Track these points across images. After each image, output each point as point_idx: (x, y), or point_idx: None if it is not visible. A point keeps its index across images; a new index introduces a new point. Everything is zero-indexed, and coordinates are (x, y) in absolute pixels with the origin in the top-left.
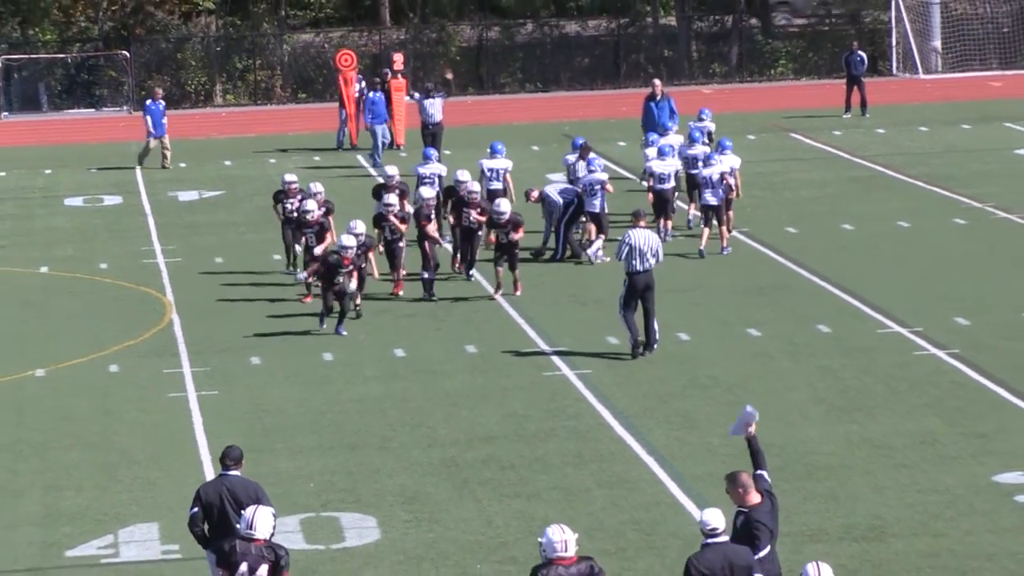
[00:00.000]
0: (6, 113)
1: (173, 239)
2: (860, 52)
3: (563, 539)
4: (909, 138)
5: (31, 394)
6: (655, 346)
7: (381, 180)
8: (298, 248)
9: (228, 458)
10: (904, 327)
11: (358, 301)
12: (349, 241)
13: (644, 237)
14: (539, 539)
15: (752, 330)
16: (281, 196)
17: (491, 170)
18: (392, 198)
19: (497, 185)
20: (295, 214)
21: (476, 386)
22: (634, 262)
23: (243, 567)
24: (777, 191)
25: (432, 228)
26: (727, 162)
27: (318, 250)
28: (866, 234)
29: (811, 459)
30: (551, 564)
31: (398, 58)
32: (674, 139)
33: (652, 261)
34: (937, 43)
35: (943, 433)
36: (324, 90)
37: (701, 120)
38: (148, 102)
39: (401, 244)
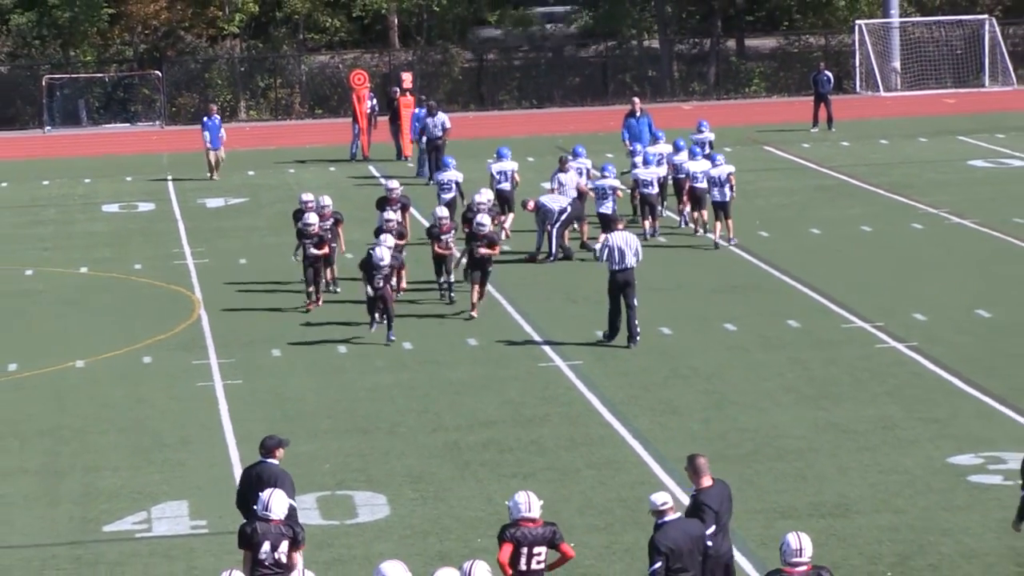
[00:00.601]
0: (49, 127)
1: (201, 242)
2: (827, 72)
3: (527, 501)
4: (871, 150)
5: (72, 383)
6: (637, 339)
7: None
8: (295, 258)
9: (262, 447)
10: (867, 322)
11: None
12: (386, 250)
13: (623, 239)
14: (507, 503)
15: (728, 325)
16: (299, 215)
17: (500, 172)
18: (391, 213)
19: (506, 185)
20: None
21: (477, 376)
22: (620, 262)
23: (266, 546)
24: (751, 198)
25: (443, 248)
26: (698, 166)
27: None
28: (832, 238)
29: (782, 442)
30: (517, 524)
31: (407, 77)
32: (663, 148)
33: (633, 260)
34: (897, 63)
35: (902, 419)
36: (339, 106)
37: (700, 132)
38: (205, 118)
39: (400, 255)
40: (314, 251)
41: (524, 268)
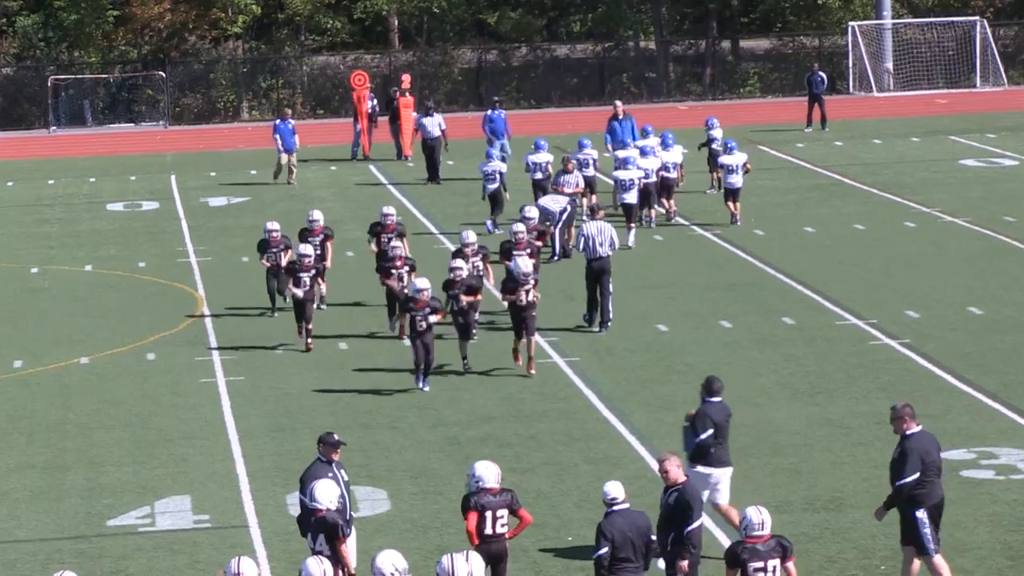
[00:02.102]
0: (55, 127)
1: (204, 241)
2: (820, 73)
3: (487, 472)
4: (864, 150)
5: (77, 380)
6: (609, 324)
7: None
8: (298, 292)
9: (321, 444)
10: (860, 319)
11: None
12: (423, 283)
13: (598, 228)
14: (468, 473)
15: (724, 322)
16: (264, 246)
17: (535, 163)
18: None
19: (540, 176)
20: (278, 264)
21: (476, 372)
22: (593, 251)
23: (319, 536)
24: (746, 197)
25: (470, 298)
26: (672, 156)
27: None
28: (826, 236)
29: (777, 437)
30: (480, 492)
31: (406, 78)
32: (652, 141)
33: (608, 250)
34: (889, 64)
35: None
36: (340, 107)
37: (710, 128)
38: (277, 121)
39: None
40: (297, 293)
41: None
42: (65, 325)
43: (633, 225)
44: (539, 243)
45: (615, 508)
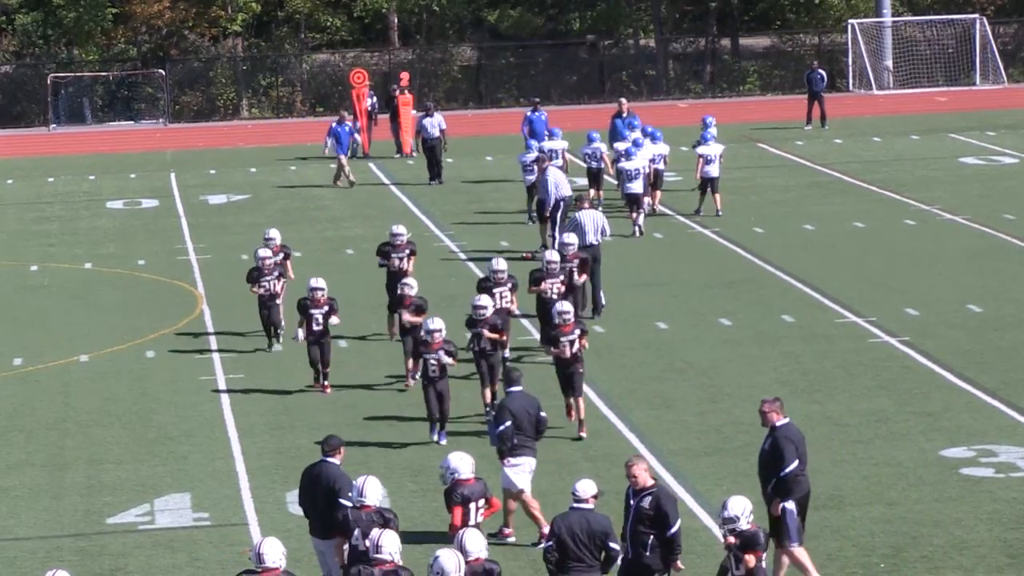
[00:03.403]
0: (54, 125)
1: (204, 238)
2: (820, 70)
3: (461, 464)
4: (864, 148)
5: (76, 377)
6: (602, 311)
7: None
8: (300, 334)
9: (325, 445)
10: (860, 317)
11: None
12: (436, 324)
13: (590, 217)
14: (441, 465)
15: (723, 320)
16: (256, 274)
17: (551, 150)
18: (409, 286)
19: (558, 163)
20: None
21: (476, 369)
22: (583, 238)
23: (356, 532)
24: (745, 195)
25: (495, 336)
26: (660, 149)
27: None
28: (825, 234)
29: None
30: (457, 484)
31: (405, 76)
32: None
33: (597, 238)
34: (889, 62)
35: (895, 412)
36: (339, 104)
37: (706, 127)
38: (334, 124)
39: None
40: (300, 335)
41: (522, 266)
42: (65, 323)
43: (640, 211)
44: (582, 277)
45: (577, 505)
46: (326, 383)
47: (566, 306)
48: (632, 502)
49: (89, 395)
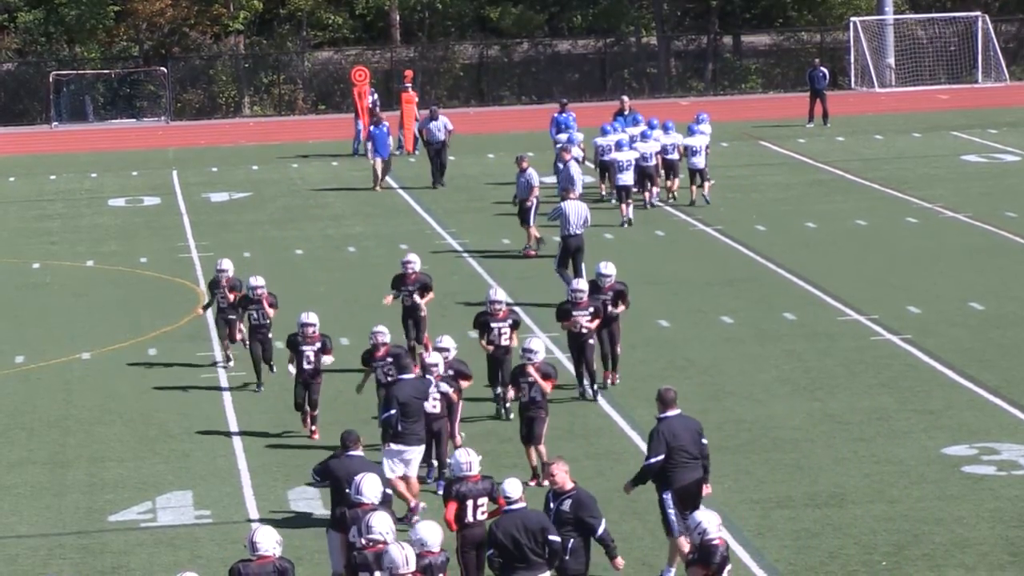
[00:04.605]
0: (56, 123)
1: (206, 236)
2: (822, 68)
3: (468, 460)
4: (866, 145)
5: (78, 375)
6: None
7: None
8: (291, 369)
9: (345, 441)
10: (861, 315)
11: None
12: (434, 359)
13: (574, 207)
14: (451, 461)
15: (725, 317)
16: (246, 302)
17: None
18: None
19: (577, 153)
20: (258, 320)
21: (476, 368)
22: (567, 228)
23: (354, 530)
24: (747, 193)
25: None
26: (673, 139)
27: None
28: (827, 231)
29: (777, 433)
30: (461, 480)
31: (409, 74)
32: (638, 129)
33: (581, 227)
34: (891, 60)
35: (896, 410)
36: (341, 102)
37: (699, 122)
38: (372, 127)
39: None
40: (291, 370)
41: (523, 263)
42: (66, 320)
43: (629, 202)
44: (619, 307)
45: (509, 508)
46: (314, 427)
47: (582, 284)
48: (552, 505)
49: (91, 393)
